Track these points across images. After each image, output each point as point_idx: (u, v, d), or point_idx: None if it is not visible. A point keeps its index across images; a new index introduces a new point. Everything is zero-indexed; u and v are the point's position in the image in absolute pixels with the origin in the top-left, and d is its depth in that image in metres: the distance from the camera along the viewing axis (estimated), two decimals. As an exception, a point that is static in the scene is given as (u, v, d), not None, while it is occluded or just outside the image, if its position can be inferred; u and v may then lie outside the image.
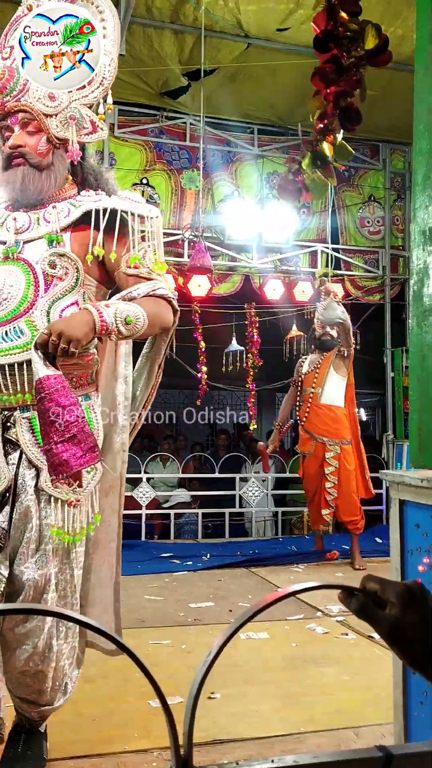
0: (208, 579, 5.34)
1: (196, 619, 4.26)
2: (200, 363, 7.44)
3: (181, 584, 5.17)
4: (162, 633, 3.94)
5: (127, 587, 5.00)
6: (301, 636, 3.91)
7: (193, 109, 7.20)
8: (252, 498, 7.35)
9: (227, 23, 6.18)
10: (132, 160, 7.35)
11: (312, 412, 5.90)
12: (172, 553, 6.10)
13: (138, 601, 4.67)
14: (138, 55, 6.45)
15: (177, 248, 7.36)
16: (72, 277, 2.11)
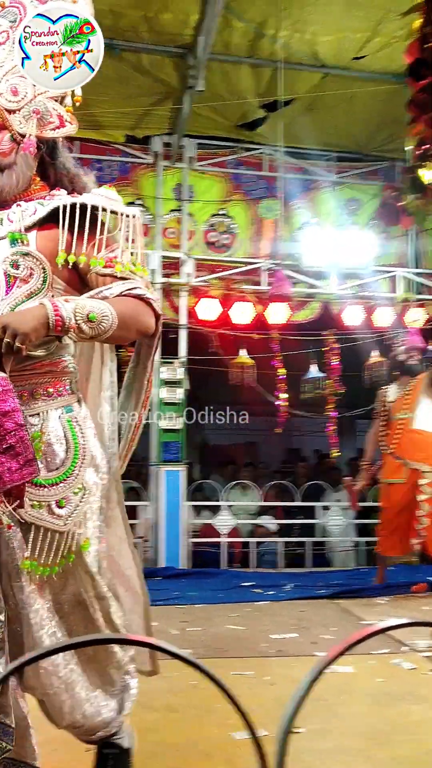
0: (290, 609, 5.24)
1: (279, 650, 4.19)
2: (279, 390, 7.42)
3: (262, 614, 5.11)
4: (244, 664, 3.89)
5: (209, 616, 5.01)
6: (386, 671, 3.78)
7: (271, 139, 7.29)
8: (334, 527, 7.23)
9: (304, 54, 6.27)
10: (211, 192, 7.50)
11: (404, 437, 5.74)
12: (253, 582, 6.05)
13: (219, 630, 4.63)
14: (216, 91, 6.61)
15: (255, 277, 7.43)
16: (38, 279, 1.90)
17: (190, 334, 7.24)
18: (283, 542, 7.11)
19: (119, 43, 6.04)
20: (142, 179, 7.39)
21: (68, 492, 1.85)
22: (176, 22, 5.84)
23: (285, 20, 5.67)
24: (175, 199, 7.41)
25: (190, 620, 4.87)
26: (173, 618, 4.92)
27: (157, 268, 7.19)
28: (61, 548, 1.86)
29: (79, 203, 1.91)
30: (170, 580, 6.16)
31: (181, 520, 6.78)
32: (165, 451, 6.93)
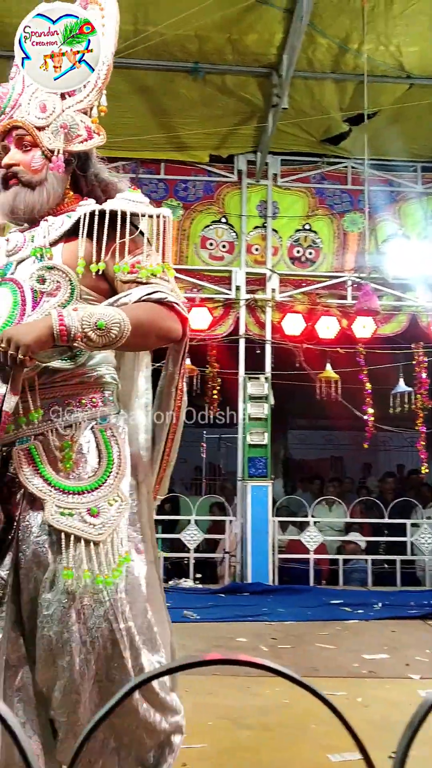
0: (380, 629, 5.14)
1: (370, 671, 4.11)
2: (366, 405, 7.31)
3: (352, 633, 5.03)
4: (336, 684, 3.83)
5: (298, 633, 4.97)
6: None
7: (354, 152, 7.25)
8: (425, 545, 7.04)
9: (388, 66, 6.22)
10: (294, 207, 7.51)
11: None
12: (342, 600, 5.96)
13: (310, 648, 4.59)
14: (299, 107, 6.63)
15: (340, 291, 7.38)
16: (65, 291, 1.84)
17: (275, 350, 7.25)
18: (371, 560, 6.98)
19: (204, 66, 6.17)
20: (226, 197, 7.48)
21: (102, 501, 1.77)
22: (261, 42, 5.91)
23: (369, 33, 5.65)
24: (259, 216, 7.46)
25: (279, 637, 4.85)
26: (263, 635, 4.91)
27: (242, 284, 7.25)
28: (102, 560, 1.74)
29: (98, 210, 1.87)
30: (258, 596, 6.15)
31: (268, 536, 6.77)
32: (251, 467, 6.94)
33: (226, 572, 6.87)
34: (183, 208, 7.41)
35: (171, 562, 7.28)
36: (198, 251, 7.40)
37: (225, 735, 3.07)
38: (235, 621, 5.29)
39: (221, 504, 7.56)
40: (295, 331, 7.12)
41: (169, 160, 7.43)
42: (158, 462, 2.06)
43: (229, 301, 7.29)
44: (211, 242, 7.42)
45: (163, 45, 5.82)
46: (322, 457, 11.96)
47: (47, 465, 1.78)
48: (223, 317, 7.27)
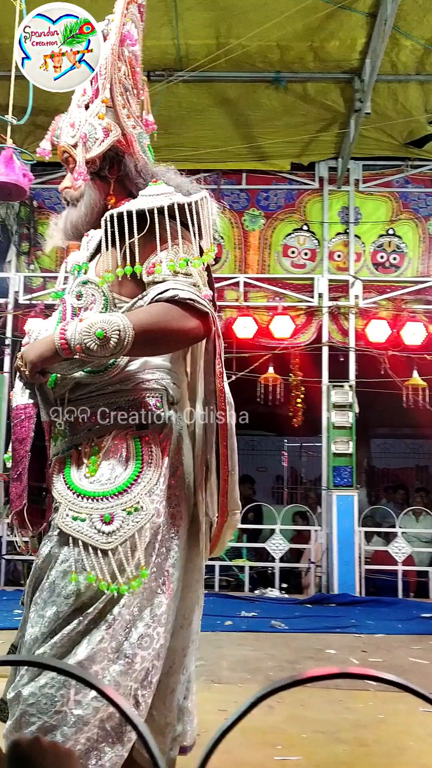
0: None
1: (468, 688, 3.97)
2: (455, 412, 7.11)
3: (447, 648, 4.88)
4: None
5: (389, 647, 4.86)
6: None
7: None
8: None
9: None
10: (377, 212, 7.40)
11: None
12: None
13: (402, 662, 4.49)
14: (382, 111, 6.54)
15: (427, 296, 7.22)
16: (100, 304, 1.79)
17: (359, 357, 7.16)
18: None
19: (286, 75, 6.18)
20: (308, 205, 7.46)
21: (119, 509, 1.67)
22: (343, 48, 5.87)
23: (456, 32, 5.52)
24: (341, 223, 7.39)
25: (369, 650, 4.77)
26: (353, 647, 4.84)
27: (325, 291, 7.20)
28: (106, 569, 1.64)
29: (116, 214, 1.79)
30: (345, 608, 6.07)
31: (354, 546, 6.66)
32: (336, 476, 6.86)
33: (311, 582, 6.81)
34: (264, 217, 7.43)
35: (257, 572, 7.28)
36: (280, 259, 7.40)
37: (320, 748, 3.03)
38: (323, 632, 5.23)
39: (304, 513, 7.51)
40: (380, 337, 7.00)
41: (250, 170, 7.47)
42: (214, 471, 1.90)
43: (311, 308, 7.24)
44: (293, 250, 7.40)
45: (245, 57, 5.87)
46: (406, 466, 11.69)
47: (74, 471, 1.74)
48: (305, 325, 7.24)
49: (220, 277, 7.33)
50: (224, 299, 7.33)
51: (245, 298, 7.27)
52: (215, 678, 3.93)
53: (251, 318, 7.06)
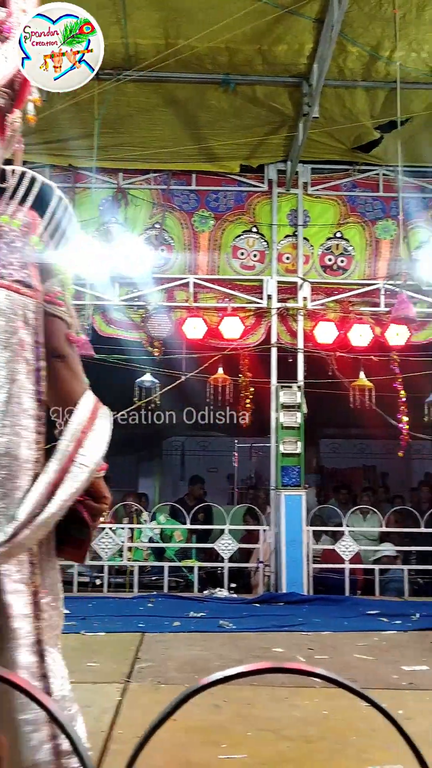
0: (419, 640, 5.06)
1: (411, 683, 4.04)
2: (400, 413, 7.24)
3: (391, 644, 4.96)
4: (376, 695, 3.66)
5: (336, 644, 4.92)
6: None
7: (386, 160, 7.22)
8: (462, 555, 6.94)
9: (420, 73, 6.19)
10: (325, 216, 7.50)
11: None
12: (379, 611, 5.90)
13: (348, 659, 4.55)
14: (330, 115, 6.64)
15: (373, 298, 7.34)
16: None
17: (307, 358, 7.24)
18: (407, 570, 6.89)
19: (235, 77, 6.21)
20: (257, 207, 7.51)
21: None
22: (291, 53, 5.93)
23: (401, 41, 5.64)
24: (290, 225, 7.47)
25: (316, 648, 4.81)
26: (300, 645, 4.88)
27: (274, 293, 7.26)
28: None
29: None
30: (293, 606, 6.12)
31: (302, 545, 6.73)
32: (284, 476, 6.92)
33: (260, 582, 6.85)
34: (214, 219, 7.45)
35: (206, 572, 7.29)
36: (230, 261, 7.43)
37: (265, 746, 3.05)
38: (271, 631, 5.26)
39: (254, 513, 7.55)
40: (328, 339, 7.10)
41: (200, 171, 7.48)
42: None
43: (260, 310, 7.30)
44: (242, 252, 7.44)
45: (194, 57, 5.88)
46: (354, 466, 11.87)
47: None
48: (254, 326, 7.29)
49: (171, 278, 7.33)
50: (174, 300, 7.33)
51: (195, 299, 7.28)
52: (162, 679, 3.92)
53: (201, 319, 7.07)
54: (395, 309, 6.19)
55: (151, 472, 12.60)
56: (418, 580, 7.14)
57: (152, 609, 5.91)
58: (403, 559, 7.22)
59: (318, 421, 9.62)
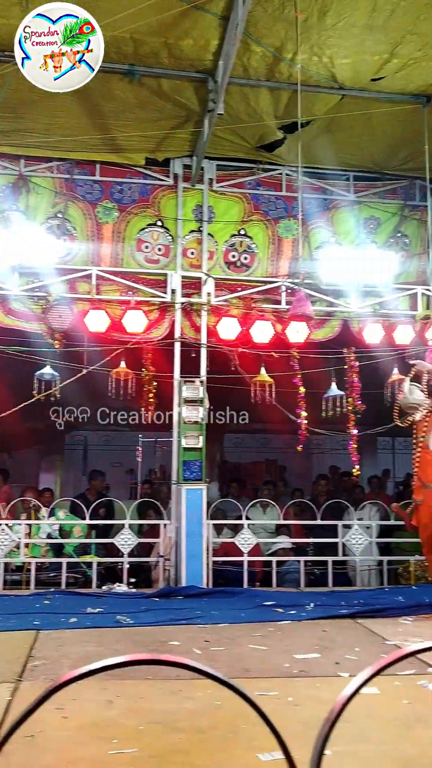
0: (312, 629, 5.20)
1: (302, 670, 4.15)
2: (300, 408, 7.43)
3: (285, 634, 5.07)
4: (268, 684, 3.85)
5: (232, 636, 4.98)
6: (413, 693, 3.70)
7: (289, 160, 7.37)
8: (356, 546, 7.19)
9: (322, 77, 6.34)
10: (230, 212, 7.58)
11: (422, 459, 5.73)
12: (275, 602, 6.02)
13: (243, 650, 4.61)
14: (235, 113, 6.70)
15: (275, 296, 7.48)
16: None
17: (210, 353, 7.29)
18: (304, 561, 7.08)
19: (140, 69, 6.15)
20: (162, 201, 7.49)
21: None
22: (196, 48, 5.94)
23: (303, 44, 5.75)
24: (195, 220, 7.49)
25: (213, 640, 4.85)
26: (196, 637, 4.91)
27: (178, 288, 7.27)
28: None
29: None
30: (192, 599, 6.16)
31: (202, 539, 6.78)
32: (186, 470, 6.95)
33: (160, 576, 6.86)
34: (118, 210, 7.37)
35: (105, 568, 7.22)
36: (134, 254, 7.37)
37: (156, 739, 3.05)
38: (169, 625, 5.27)
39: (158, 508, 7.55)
40: (231, 335, 7.18)
41: (104, 162, 7.38)
42: None
43: (164, 304, 7.29)
44: (146, 245, 7.40)
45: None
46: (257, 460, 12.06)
47: None
48: (158, 320, 7.27)
49: (73, 269, 7.20)
50: (76, 291, 7.20)
51: (98, 291, 7.18)
52: (55, 677, 3.83)
53: (103, 311, 6.98)
54: (293, 306, 6.33)
55: (53, 467, 12.35)
56: (315, 571, 7.34)
57: (49, 606, 5.80)
58: (300, 551, 7.40)
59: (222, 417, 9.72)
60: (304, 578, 7.02)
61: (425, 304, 7.69)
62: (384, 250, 7.61)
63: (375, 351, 7.50)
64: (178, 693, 3.61)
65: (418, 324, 7.54)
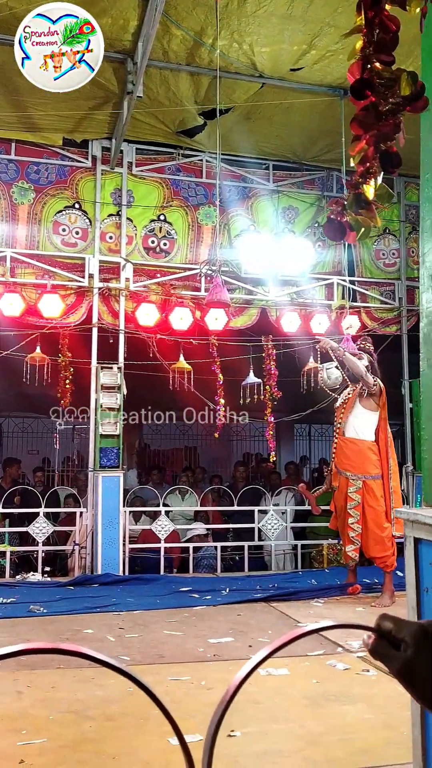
0: (227, 614, 5.28)
1: (215, 654, 4.21)
2: (218, 395, 7.47)
3: (200, 619, 5.13)
4: (181, 669, 3.90)
5: (146, 622, 5.00)
6: (321, 672, 3.84)
7: (209, 146, 7.35)
8: (271, 531, 7.32)
9: (242, 64, 6.34)
10: (150, 197, 7.50)
11: (338, 446, 5.85)
12: (191, 587, 6.07)
13: (158, 635, 4.64)
14: (155, 97, 6.62)
15: (194, 282, 7.47)
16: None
17: (128, 339, 7.22)
18: (221, 547, 7.15)
19: (57, 45, 5.97)
20: (80, 183, 7.33)
21: None
22: (115, 28, 5.81)
23: (223, 30, 5.72)
24: (113, 204, 7.37)
25: (127, 627, 4.86)
26: (111, 625, 4.90)
27: (96, 272, 7.15)
28: None
29: None
30: (108, 587, 6.12)
31: (119, 527, 6.74)
32: (103, 457, 6.88)
33: (76, 564, 6.78)
34: (35, 191, 7.17)
35: (19, 556, 7.08)
36: (50, 236, 7.20)
37: (67, 728, 3.03)
38: (84, 613, 5.24)
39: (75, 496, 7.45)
40: (149, 321, 7.13)
41: (20, 141, 7.16)
42: None
43: (81, 288, 7.16)
44: (63, 228, 7.24)
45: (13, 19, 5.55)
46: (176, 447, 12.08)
47: None
48: (75, 305, 7.14)
49: (-15, 251, 6.96)
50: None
51: (12, 274, 6.98)
52: (-38, 670, 3.76)
53: (18, 295, 6.79)
54: (210, 293, 6.35)
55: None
56: (235, 557, 7.43)
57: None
58: (217, 537, 7.47)
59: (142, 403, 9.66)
60: (220, 564, 7.09)
61: (341, 294, 7.85)
62: (302, 239, 7.71)
63: (292, 339, 7.61)
64: (89, 681, 3.61)
65: (334, 314, 7.70)
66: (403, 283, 8.09)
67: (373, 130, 3.41)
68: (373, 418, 5.75)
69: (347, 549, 5.69)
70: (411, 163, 7.70)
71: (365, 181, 3.61)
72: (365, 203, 3.57)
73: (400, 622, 0.79)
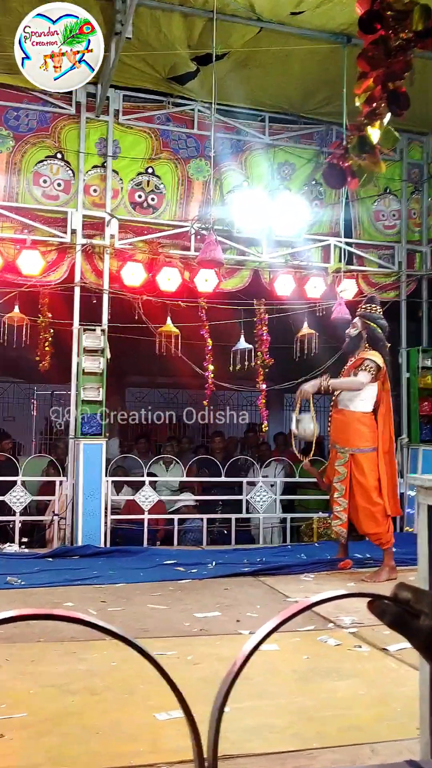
0: (213, 587, 5.05)
1: (202, 629, 4.01)
2: (207, 361, 7.13)
3: (185, 593, 4.89)
4: (167, 643, 3.68)
5: (129, 595, 4.74)
6: (312, 648, 3.67)
7: (201, 95, 6.94)
8: (259, 503, 7.04)
9: (239, 6, 5.94)
10: (137, 148, 7.07)
11: (332, 418, 5.59)
12: (176, 560, 5.80)
13: (142, 609, 4.41)
14: (145, 39, 6.18)
15: (184, 241, 7.08)
16: None
17: (113, 300, 6.84)
18: (207, 519, 6.87)
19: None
20: (63, 131, 6.86)
21: None
22: (103, -43, 5.37)
23: (220, -37, 5.30)
24: (98, 155, 6.93)
25: (110, 600, 4.65)
26: (93, 598, 4.69)
27: (79, 228, 6.73)
28: None
29: None
30: (89, 559, 5.85)
31: (101, 497, 6.42)
32: (84, 424, 6.53)
33: (55, 535, 6.47)
34: (14, 139, 6.70)
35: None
36: (30, 188, 6.75)
37: (49, 702, 2.93)
38: (64, 585, 5.03)
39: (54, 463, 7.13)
40: (135, 281, 6.75)
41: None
42: None
43: (63, 245, 6.75)
44: (45, 179, 6.79)
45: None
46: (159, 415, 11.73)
47: None
48: (56, 262, 6.73)
49: (-39, 202, 6.53)
50: (-34, 227, 6.55)
51: (-11, 228, 6.55)
52: None
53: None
54: (203, 251, 5.98)
55: None
56: (223, 531, 7.15)
57: None
58: (204, 509, 7.18)
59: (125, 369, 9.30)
60: (206, 536, 6.82)
61: (338, 256, 7.50)
62: (298, 197, 7.33)
63: (286, 303, 7.26)
64: (72, 654, 3.43)
65: (330, 277, 7.36)
66: (404, 247, 7.75)
67: (381, 67, 3.06)
68: (369, 390, 5.43)
69: (333, 524, 5.45)
70: (415, 118, 7.33)
71: (370, 122, 3.27)
72: (369, 147, 3.23)
73: (419, 592, 0.77)
